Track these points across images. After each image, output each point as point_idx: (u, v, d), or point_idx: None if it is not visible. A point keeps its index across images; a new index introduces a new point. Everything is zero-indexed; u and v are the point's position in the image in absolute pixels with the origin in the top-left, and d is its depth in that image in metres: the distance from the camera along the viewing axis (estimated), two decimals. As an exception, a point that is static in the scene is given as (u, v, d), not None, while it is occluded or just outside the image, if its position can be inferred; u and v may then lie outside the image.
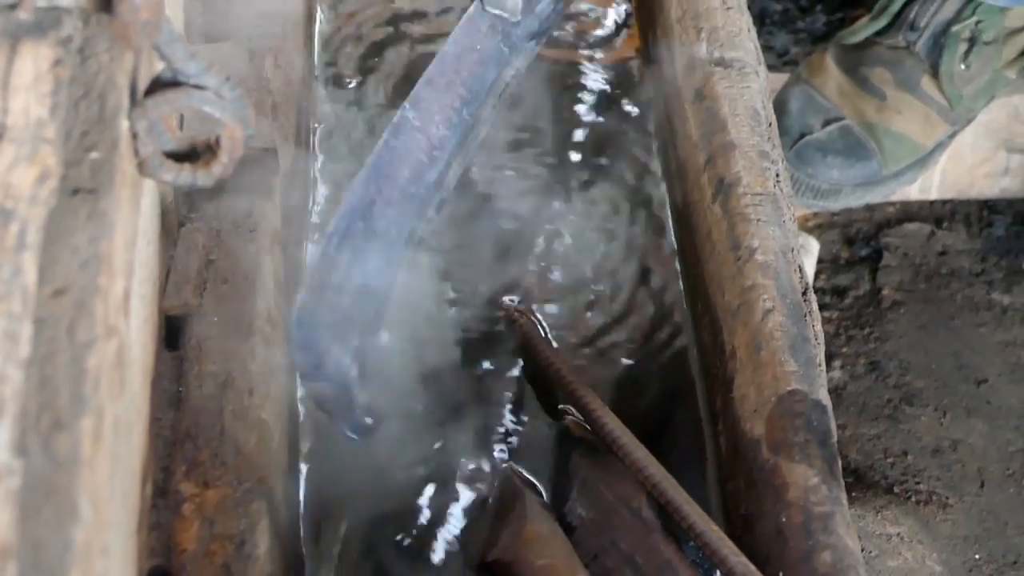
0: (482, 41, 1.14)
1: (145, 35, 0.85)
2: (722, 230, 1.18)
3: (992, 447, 1.46)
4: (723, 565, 0.95)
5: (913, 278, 1.59)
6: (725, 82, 1.26)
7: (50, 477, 0.70)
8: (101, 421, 0.74)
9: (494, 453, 1.18)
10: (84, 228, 0.80)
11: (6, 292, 0.74)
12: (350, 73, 1.47)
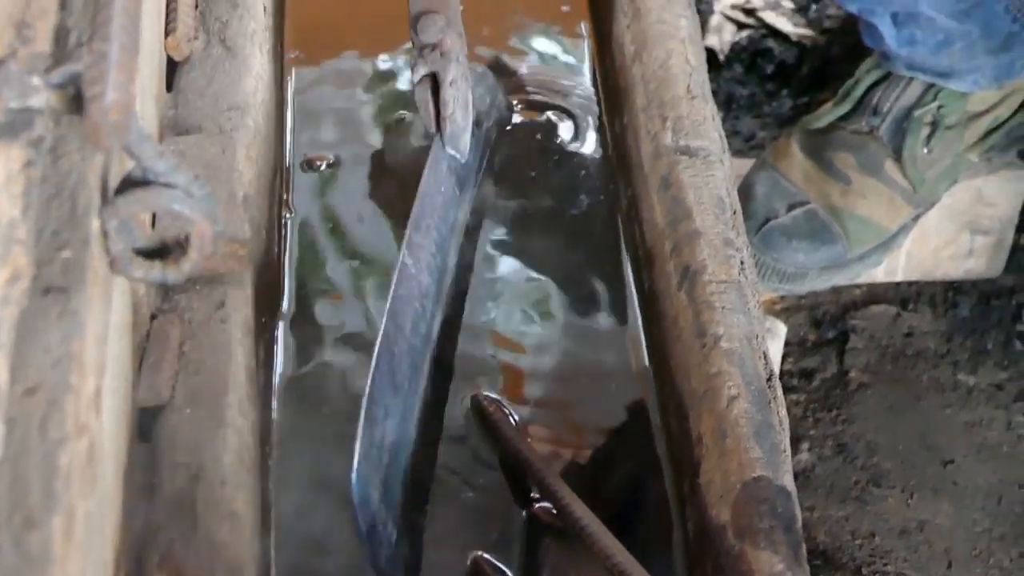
0: (445, 182, 1.15)
1: (115, 135, 0.86)
2: (688, 317, 1.19)
3: (959, 527, 1.47)
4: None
5: (879, 360, 1.60)
6: (690, 171, 1.27)
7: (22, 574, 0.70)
8: (72, 518, 0.74)
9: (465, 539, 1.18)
10: (56, 327, 0.81)
11: None
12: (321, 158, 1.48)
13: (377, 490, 1.12)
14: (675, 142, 1.29)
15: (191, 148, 1.18)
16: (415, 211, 1.17)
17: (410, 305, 1.15)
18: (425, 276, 1.16)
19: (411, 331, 1.16)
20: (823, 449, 1.53)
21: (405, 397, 1.18)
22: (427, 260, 1.16)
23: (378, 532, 1.12)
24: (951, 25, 1.53)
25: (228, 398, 1.05)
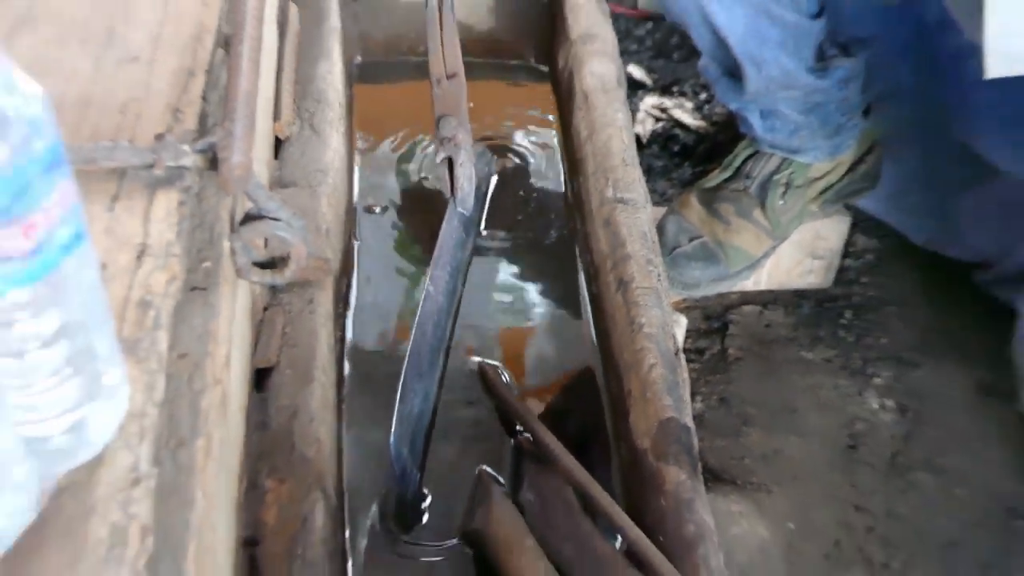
0: (456, 231, 1.15)
1: (239, 185, 0.86)
2: (622, 312, 1.18)
3: (802, 455, 1.47)
4: (623, 534, 0.95)
5: (749, 342, 1.60)
6: (624, 214, 1.26)
7: (176, 479, 0.70)
8: (211, 441, 0.74)
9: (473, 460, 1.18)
10: (199, 313, 0.81)
11: (146, 356, 0.74)
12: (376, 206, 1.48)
13: (406, 447, 1.12)
14: (614, 195, 1.29)
15: (291, 196, 1.18)
16: (435, 253, 1.16)
17: (431, 319, 1.15)
18: (442, 298, 1.16)
19: (431, 336, 1.16)
20: (710, 401, 1.53)
21: (426, 381, 1.18)
22: (443, 287, 1.16)
23: (407, 475, 1.12)
24: (799, 118, 1.52)
25: (315, 363, 1.04)
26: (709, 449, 1.43)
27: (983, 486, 1.46)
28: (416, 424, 1.15)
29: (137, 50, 0.97)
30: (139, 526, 0.64)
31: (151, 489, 0.66)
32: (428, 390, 1.18)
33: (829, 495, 1.44)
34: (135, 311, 0.76)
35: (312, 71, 1.39)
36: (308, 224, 1.03)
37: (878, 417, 1.52)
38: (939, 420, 1.52)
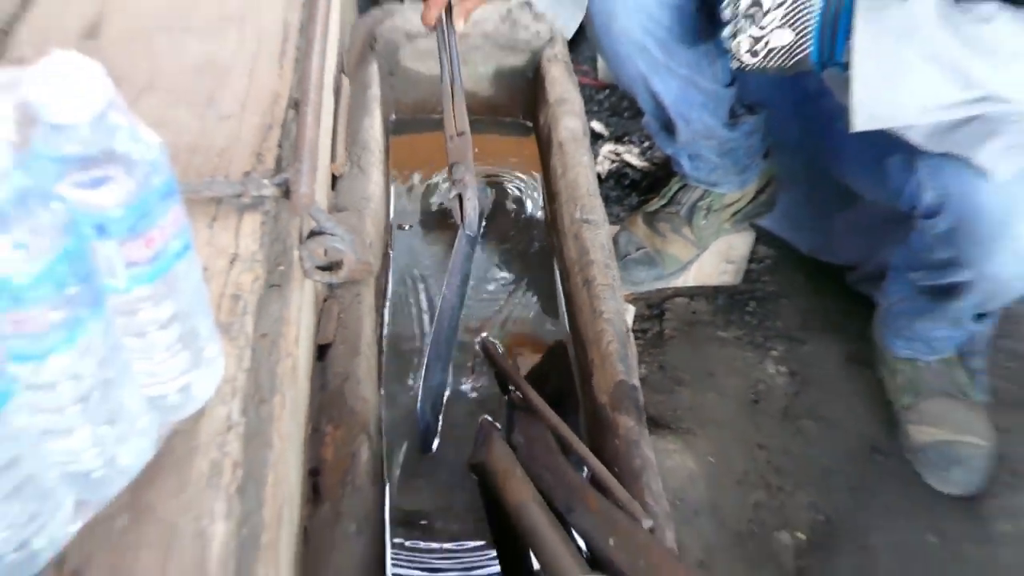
0: (464, 250, 1.14)
1: (305, 209, 0.85)
2: (587, 303, 1.18)
3: (718, 406, 1.47)
4: (588, 465, 0.95)
5: (679, 324, 1.60)
6: (588, 231, 1.25)
7: (258, 426, 0.70)
8: (284, 398, 0.74)
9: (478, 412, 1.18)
10: (276, 303, 0.81)
11: (237, 335, 0.74)
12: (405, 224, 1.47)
13: (429, 410, 1.13)
14: (581, 217, 1.28)
15: (343, 218, 1.17)
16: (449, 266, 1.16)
17: (446, 315, 1.14)
18: (455, 299, 1.15)
19: (447, 328, 1.15)
20: (651, 367, 1.52)
21: (443, 362, 1.18)
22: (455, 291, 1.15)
23: (429, 429, 1.12)
24: (717, 160, 1.52)
25: (361, 340, 1.04)
26: (651, 403, 1.42)
27: (852, 429, 1.47)
28: (435, 393, 1.16)
29: (230, 110, 0.96)
30: (231, 462, 0.64)
31: (240, 434, 0.66)
32: (444, 368, 1.18)
33: (738, 437, 1.44)
34: (228, 302, 0.76)
35: (359, 125, 1.38)
36: (356, 238, 1.02)
37: (774, 380, 1.52)
38: (819, 381, 1.53)
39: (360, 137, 1.35)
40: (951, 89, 0.97)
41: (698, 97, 1.39)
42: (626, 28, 1.21)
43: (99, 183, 0.54)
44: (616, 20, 1.20)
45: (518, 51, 1.62)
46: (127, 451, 0.61)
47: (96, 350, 0.55)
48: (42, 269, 0.51)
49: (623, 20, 1.20)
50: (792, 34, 1.03)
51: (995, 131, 1.05)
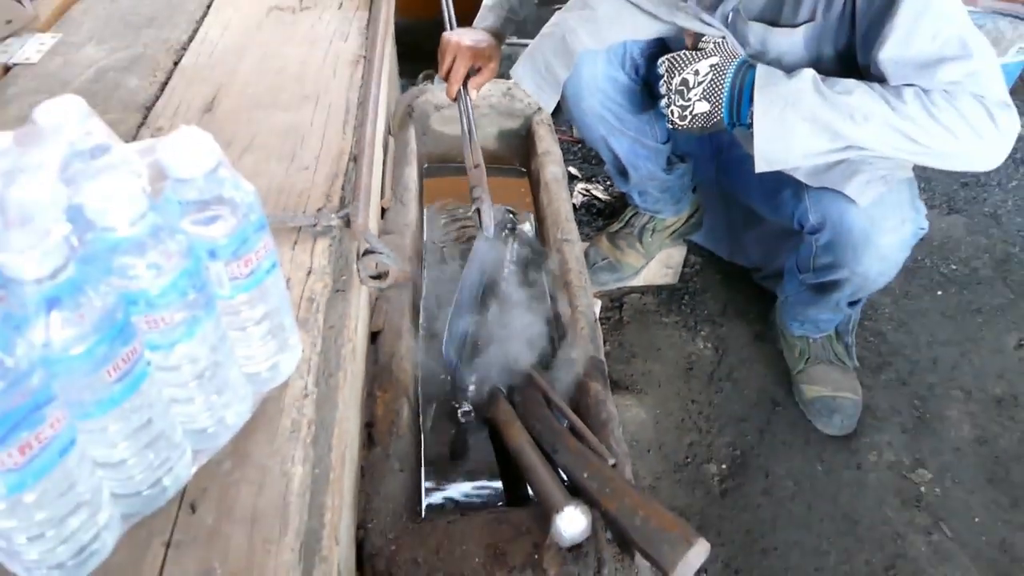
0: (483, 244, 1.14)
1: (362, 236, 0.84)
2: (566, 299, 1.16)
3: (662, 373, 1.45)
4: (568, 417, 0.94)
5: (634, 313, 1.58)
6: (567, 246, 1.24)
7: (327, 394, 0.69)
8: (347, 373, 0.73)
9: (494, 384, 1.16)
10: (340, 303, 0.80)
11: (311, 328, 0.73)
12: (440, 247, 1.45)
13: (453, 353, 1.11)
14: (561, 237, 1.27)
15: (390, 240, 1.16)
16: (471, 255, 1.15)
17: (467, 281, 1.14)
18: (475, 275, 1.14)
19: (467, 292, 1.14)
20: (613, 345, 1.50)
21: (464, 317, 1.15)
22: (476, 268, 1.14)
23: (455, 368, 1.11)
24: (659, 195, 1.51)
25: (403, 328, 1.03)
26: (613, 371, 1.41)
27: (758, 388, 1.45)
28: (460, 341, 1.13)
29: (307, 163, 0.95)
30: (307, 420, 0.63)
31: (314, 400, 0.66)
32: (467, 322, 1.15)
33: (677, 395, 1.42)
34: (305, 303, 0.75)
35: (401, 172, 1.37)
36: (398, 254, 1.01)
37: (702, 353, 1.51)
38: (735, 353, 1.51)
39: (402, 180, 1.35)
40: (824, 142, 0.98)
41: (643, 152, 1.38)
42: (590, 104, 1.21)
43: (211, 221, 0.53)
44: (583, 99, 1.20)
45: (515, 117, 1.61)
46: (231, 413, 0.60)
47: (209, 340, 0.55)
48: (169, 283, 0.51)
49: (588, 99, 1.20)
50: (709, 105, 1.06)
51: (858, 170, 1.07)
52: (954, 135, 0.93)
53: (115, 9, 1.41)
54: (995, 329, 1.57)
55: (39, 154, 0.53)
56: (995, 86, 0.93)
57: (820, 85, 0.96)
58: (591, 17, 1.10)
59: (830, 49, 1.04)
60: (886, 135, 0.95)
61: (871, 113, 0.94)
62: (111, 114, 1.07)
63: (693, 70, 1.05)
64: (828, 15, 1.00)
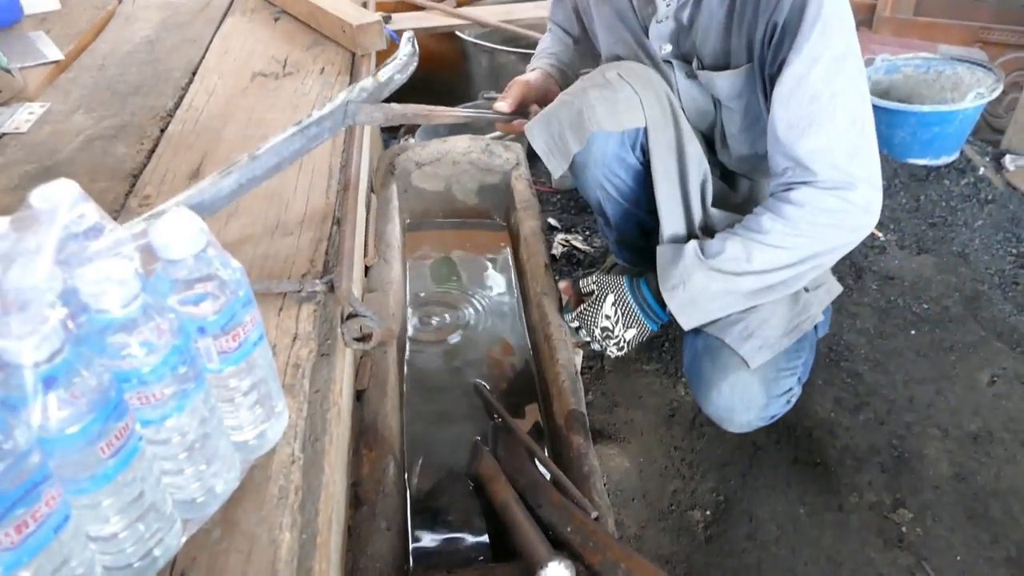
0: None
1: (345, 300, 0.86)
2: (547, 352, 1.18)
3: (644, 420, 1.46)
4: (550, 471, 0.96)
5: (615, 361, 1.59)
6: (546, 300, 1.27)
7: (314, 459, 0.70)
8: (333, 436, 0.75)
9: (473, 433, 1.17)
10: (326, 367, 0.82)
11: (297, 393, 0.74)
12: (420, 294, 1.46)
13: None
14: (540, 290, 1.29)
15: (373, 298, 1.18)
16: None
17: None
18: None
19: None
20: (596, 394, 1.51)
21: None
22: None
23: None
24: (627, 256, 1.49)
25: (387, 386, 1.04)
26: (596, 420, 1.42)
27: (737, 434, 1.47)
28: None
29: (292, 228, 0.98)
30: (294, 486, 0.65)
31: (300, 465, 0.67)
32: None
33: (660, 442, 1.43)
34: (291, 369, 0.77)
35: (383, 229, 1.40)
36: (382, 313, 1.03)
37: (683, 399, 1.52)
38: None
39: (385, 237, 1.37)
40: (731, 295, 1.10)
41: (633, 220, 1.41)
42: (594, 175, 1.24)
43: (201, 299, 0.56)
44: (588, 169, 1.23)
45: (494, 172, 1.65)
46: (220, 482, 0.62)
47: (199, 413, 0.57)
48: (160, 360, 0.53)
49: (593, 170, 1.23)
50: (635, 329, 1.20)
51: (753, 334, 1.13)
52: (820, 234, 1.03)
53: (102, 78, 1.44)
54: (968, 366, 1.61)
55: (35, 239, 0.55)
56: (857, 160, 1.00)
57: (700, 255, 1.09)
58: (611, 98, 1.13)
59: (759, 86, 1.10)
60: (770, 260, 1.06)
61: (749, 254, 1.05)
62: (100, 182, 1.09)
63: (603, 315, 1.19)
64: (755, 58, 1.07)
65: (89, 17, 1.74)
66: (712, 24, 1.06)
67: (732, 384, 1.12)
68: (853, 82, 0.98)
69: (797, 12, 0.95)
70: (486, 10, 2.47)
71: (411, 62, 1.00)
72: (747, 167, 1.25)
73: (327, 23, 1.53)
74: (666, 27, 1.11)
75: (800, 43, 0.95)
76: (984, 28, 2.81)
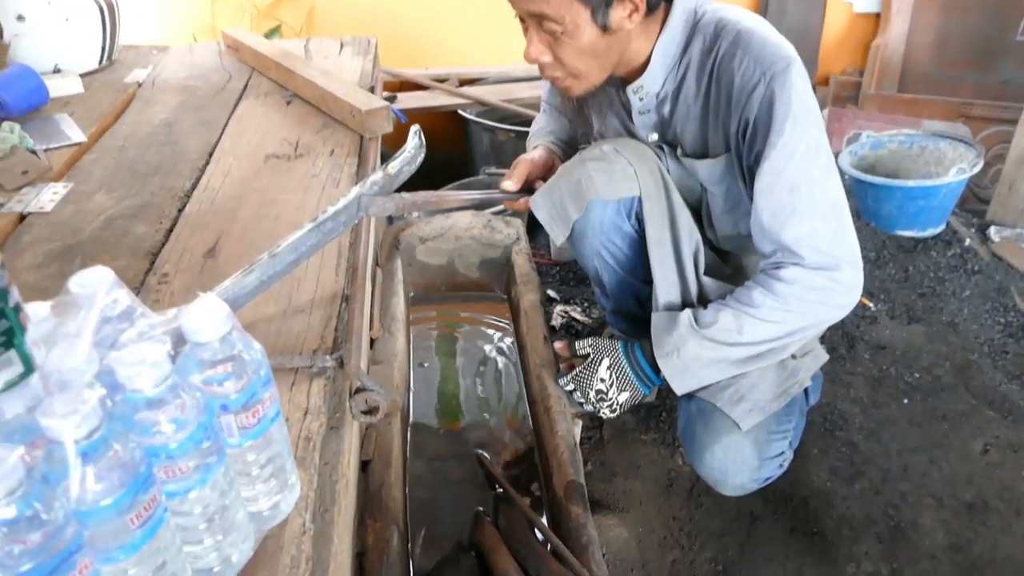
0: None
1: (353, 376, 0.90)
2: (547, 423, 1.21)
3: (643, 490, 1.47)
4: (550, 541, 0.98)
5: (614, 432, 1.60)
6: (546, 372, 1.30)
7: (323, 529, 0.73)
8: (341, 507, 0.77)
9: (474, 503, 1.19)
10: (334, 439, 0.85)
11: (308, 465, 0.78)
12: (424, 363, 1.49)
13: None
14: (539, 362, 1.32)
15: (378, 370, 1.22)
16: None
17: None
18: None
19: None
20: (596, 464, 1.51)
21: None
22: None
23: None
24: (623, 326, 1.51)
25: (392, 456, 1.07)
26: (595, 490, 1.42)
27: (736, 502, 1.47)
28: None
29: (303, 306, 1.02)
30: (305, 556, 0.68)
31: (311, 536, 0.70)
32: None
33: (658, 512, 1.44)
34: (303, 442, 0.80)
35: (388, 303, 1.44)
36: (387, 386, 1.07)
37: (681, 469, 1.53)
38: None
39: (390, 311, 1.42)
40: (723, 364, 1.15)
41: (629, 289, 1.45)
42: (592, 243, 1.29)
43: (224, 379, 0.60)
44: (586, 237, 1.27)
45: (495, 247, 1.71)
46: (236, 552, 0.65)
47: (219, 486, 0.61)
48: (187, 436, 0.57)
49: (591, 238, 1.27)
50: (628, 393, 1.23)
51: (744, 397, 1.17)
52: (808, 310, 1.09)
53: (123, 159, 1.52)
54: (961, 435, 1.63)
55: (75, 324, 0.61)
56: (838, 243, 1.07)
57: (693, 324, 1.12)
58: (608, 169, 1.19)
59: (739, 173, 1.17)
60: (760, 333, 1.11)
61: (741, 327, 1.10)
62: (120, 260, 1.15)
63: (599, 379, 1.22)
64: (732, 150, 1.14)
65: (111, 100, 1.83)
66: (690, 117, 1.14)
67: (725, 446, 1.15)
68: (825, 170, 1.05)
69: (767, 109, 1.02)
70: (487, 90, 2.59)
71: (419, 154, 1.07)
72: (732, 245, 1.31)
73: (337, 107, 1.61)
74: (649, 119, 1.19)
75: (775, 139, 1.02)
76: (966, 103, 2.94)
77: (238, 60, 2.14)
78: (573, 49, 1.04)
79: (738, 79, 1.04)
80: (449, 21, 2.82)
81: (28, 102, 1.71)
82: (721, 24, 1.08)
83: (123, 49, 2.25)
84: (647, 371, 1.22)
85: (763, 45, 1.04)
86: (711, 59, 1.08)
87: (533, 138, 1.50)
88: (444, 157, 2.73)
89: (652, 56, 1.11)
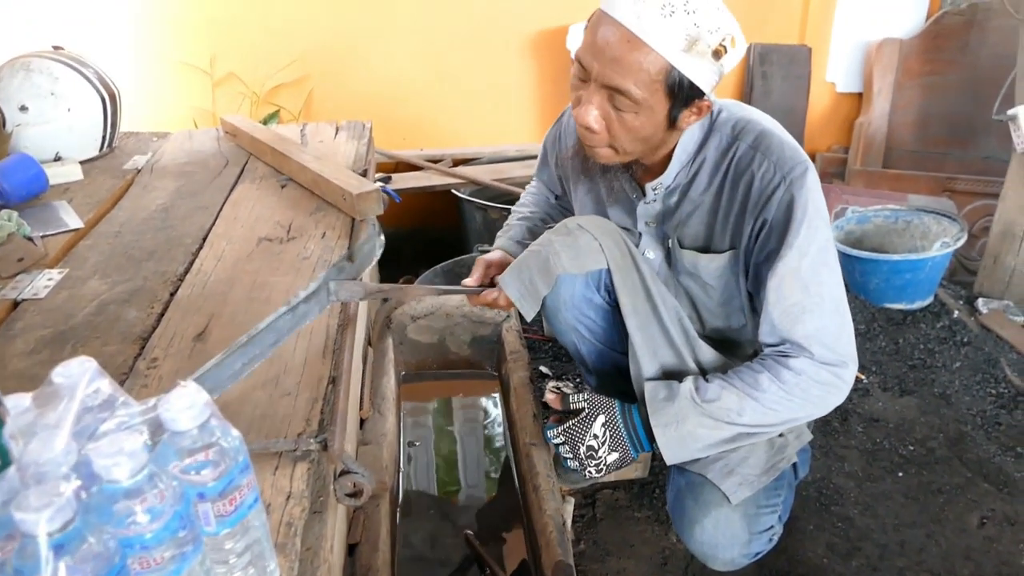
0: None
1: (338, 459, 0.90)
2: (536, 503, 1.20)
3: (637, 569, 1.44)
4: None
5: (607, 509, 1.58)
6: (535, 451, 1.29)
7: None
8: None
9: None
10: (317, 525, 0.84)
11: (289, 551, 0.77)
12: (415, 442, 1.49)
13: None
14: (529, 441, 1.32)
15: (367, 451, 1.22)
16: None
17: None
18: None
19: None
20: (588, 542, 1.50)
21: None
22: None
23: None
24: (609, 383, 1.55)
25: (379, 540, 1.05)
26: (588, 570, 1.40)
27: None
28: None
29: (289, 389, 1.03)
30: (283, 647, 0.67)
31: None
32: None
33: (653, 593, 1.42)
34: (284, 528, 0.79)
35: (379, 382, 1.45)
36: (375, 466, 1.07)
37: (675, 546, 1.51)
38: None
39: (380, 390, 1.43)
40: (716, 441, 1.14)
41: (610, 360, 1.46)
42: (566, 318, 1.31)
43: (202, 467, 0.61)
44: (560, 312, 1.30)
45: (486, 325, 1.73)
46: (212, 643, 0.64)
47: (195, 575, 0.60)
48: (162, 526, 0.57)
49: (564, 313, 1.30)
50: (618, 454, 1.22)
51: (734, 471, 1.18)
52: (808, 401, 1.11)
53: (119, 244, 1.55)
54: (957, 509, 1.62)
55: (55, 415, 0.61)
56: (842, 340, 1.10)
57: (696, 398, 1.12)
58: (573, 244, 1.22)
59: (741, 270, 1.20)
60: (759, 418, 1.12)
61: (742, 408, 1.11)
62: (110, 346, 1.16)
63: (591, 435, 1.21)
64: (739, 247, 1.17)
65: (109, 186, 1.87)
66: (697, 211, 1.18)
67: (715, 520, 1.14)
68: (833, 271, 1.10)
69: (784, 211, 1.07)
70: (480, 169, 2.65)
71: (375, 241, 1.14)
72: (719, 336, 1.33)
73: (329, 191, 1.65)
74: (653, 208, 1.23)
75: (791, 239, 1.06)
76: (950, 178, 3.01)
77: (236, 145, 2.20)
78: (631, 129, 1.07)
79: (758, 181, 1.09)
80: (444, 103, 2.91)
81: (28, 190, 1.74)
82: (740, 125, 1.13)
83: (123, 136, 2.31)
84: (641, 435, 1.21)
85: (781, 148, 1.08)
86: (728, 158, 1.12)
87: (499, 237, 1.53)
88: (439, 234, 2.78)
89: (675, 151, 1.15)
